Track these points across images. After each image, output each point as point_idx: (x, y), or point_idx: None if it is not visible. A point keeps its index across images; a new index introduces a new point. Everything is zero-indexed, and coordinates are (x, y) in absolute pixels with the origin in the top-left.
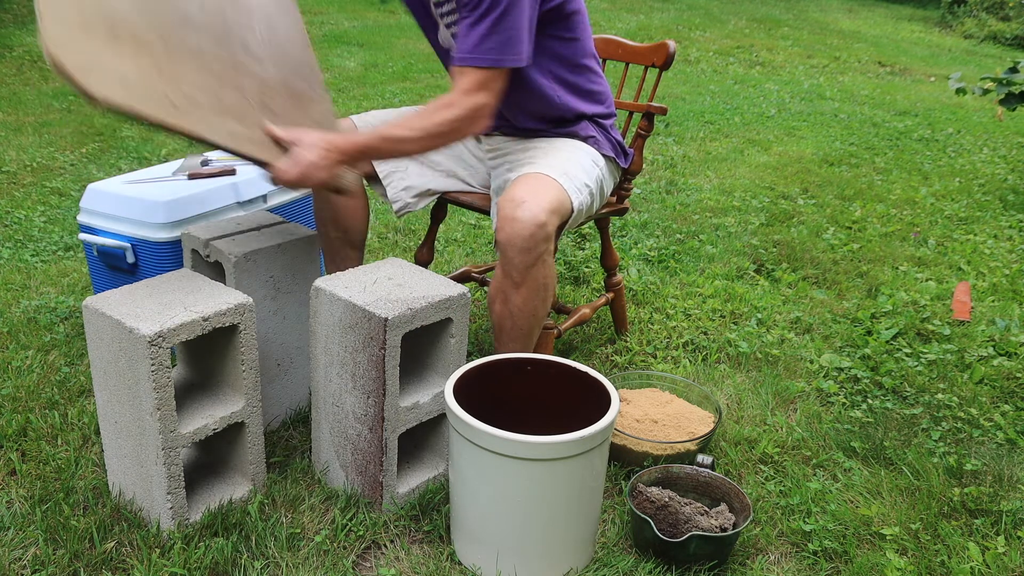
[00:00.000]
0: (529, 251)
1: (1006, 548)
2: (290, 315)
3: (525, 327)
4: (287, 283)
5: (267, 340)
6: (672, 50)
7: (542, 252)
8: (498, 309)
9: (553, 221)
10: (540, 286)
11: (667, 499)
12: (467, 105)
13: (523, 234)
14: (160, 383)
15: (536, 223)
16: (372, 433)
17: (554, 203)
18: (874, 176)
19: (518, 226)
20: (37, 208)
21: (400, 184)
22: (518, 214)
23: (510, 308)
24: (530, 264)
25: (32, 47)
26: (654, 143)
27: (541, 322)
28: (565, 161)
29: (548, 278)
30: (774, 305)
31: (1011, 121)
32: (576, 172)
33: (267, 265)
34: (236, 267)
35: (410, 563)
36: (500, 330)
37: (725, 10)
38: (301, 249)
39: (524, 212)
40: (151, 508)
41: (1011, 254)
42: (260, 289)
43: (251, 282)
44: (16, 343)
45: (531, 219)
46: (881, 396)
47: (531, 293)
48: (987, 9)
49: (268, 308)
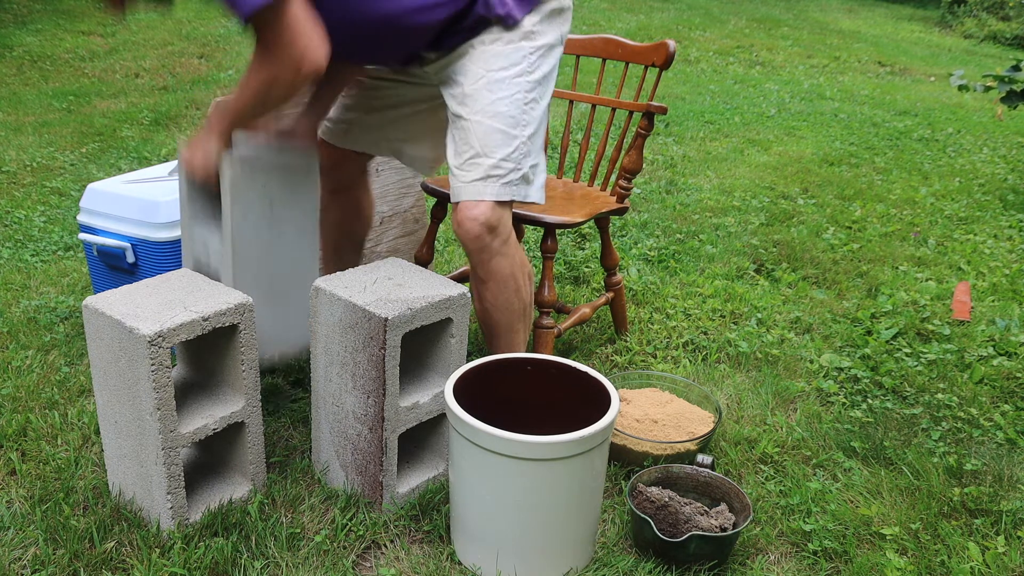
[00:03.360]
0: (482, 249)
1: (1006, 548)
2: (289, 233)
3: (506, 321)
4: (284, 200)
5: (264, 262)
6: (672, 50)
7: (497, 245)
8: (478, 309)
9: (497, 213)
10: (506, 276)
11: (667, 499)
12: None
13: (471, 235)
14: (160, 383)
15: (480, 222)
16: (372, 433)
17: (491, 204)
18: (874, 176)
19: (463, 230)
20: (37, 208)
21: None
22: (460, 218)
23: (485, 305)
24: (488, 259)
25: (32, 47)
26: (654, 143)
27: (520, 315)
28: (486, 133)
29: (514, 267)
30: (774, 305)
31: (1011, 121)
32: (498, 141)
33: (264, 179)
34: (232, 171)
35: (410, 563)
36: (486, 329)
37: (725, 10)
38: (299, 162)
39: (465, 217)
40: (151, 508)
41: (1011, 254)
42: (256, 202)
43: (248, 196)
44: (16, 343)
45: (473, 222)
46: (881, 396)
47: (498, 286)
48: (987, 9)
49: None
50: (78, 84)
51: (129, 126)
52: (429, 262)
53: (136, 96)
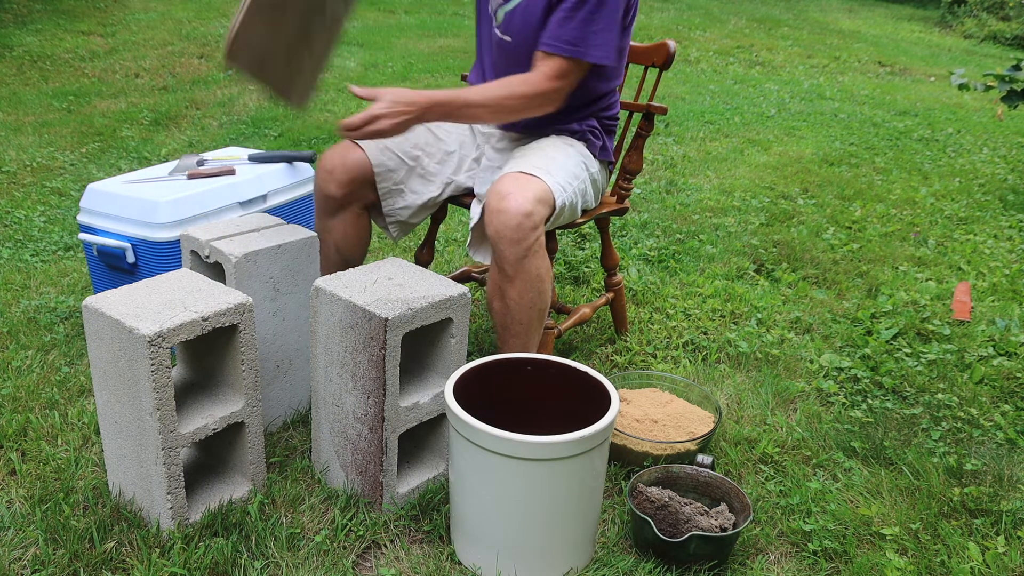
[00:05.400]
0: (519, 242)
1: (1006, 548)
2: (289, 316)
3: (524, 321)
4: (287, 284)
5: (267, 341)
6: (672, 50)
7: (532, 243)
8: (496, 306)
9: (540, 211)
10: (534, 277)
11: (667, 499)
12: (544, 88)
13: (511, 224)
14: (160, 383)
15: (522, 212)
16: (372, 433)
17: (539, 193)
18: (874, 176)
19: (505, 217)
20: (37, 208)
21: (399, 203)
22: (504, 205)
23: (507, 303)
24: (521, 256)
25: (32, 47)
26: (654, 143)
27: (541, 316)
28: (550, 161)
29: (542, 269)
30: (774, 305)
31: (1011, 121)
32: (559, 172)
33: (267, 266)
34: (236, 268)
35: (410, 563)
36: (501, 328)
37: (725, 10)
38: (300, 250)
39: (510, 203)
40: (151, 508)
41: (1011, 254)
42: (260, 290)
43: (251, 283)
44: (16, 343)
45: (517, 209)
46: (881, 396)
47: (526, 285)
48: (987, 9)
49: (268, 309)
50: (78, 84)
51: (129, 126)
52: (429, 262)
53: (136, 96)
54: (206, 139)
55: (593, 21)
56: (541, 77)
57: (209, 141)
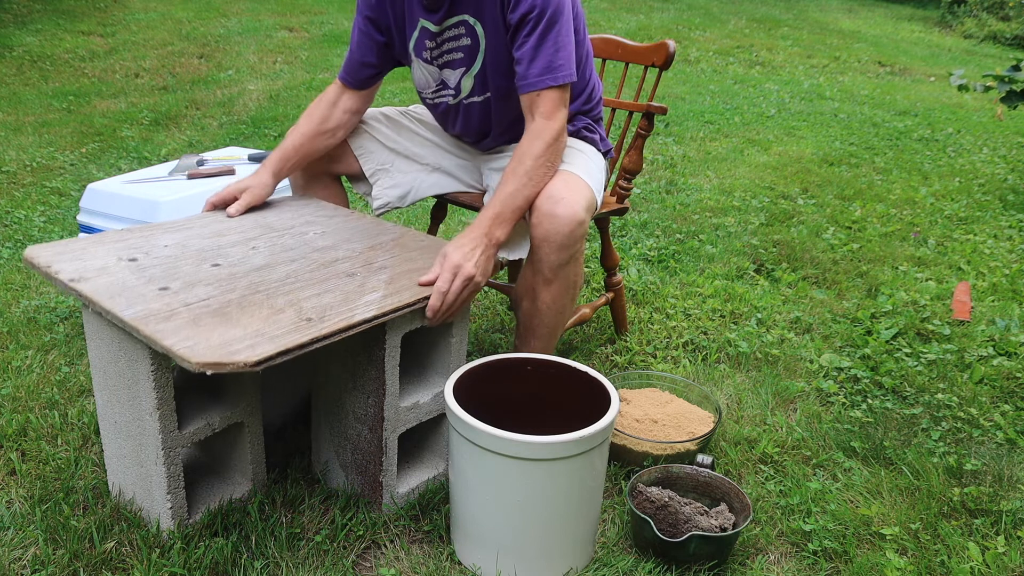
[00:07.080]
0: (566, 248)
1: (1006, 548)
2: None
3: (552, 324)
4: None
5: None
6: (672, 50)
7: (577, 250)
8: (526, 307)
9: (588, 219)
10: (571, 283)
11: (667, 499)
12: (554, 128)
13: (563, 231)
14: (160, 383)
15: (576, 220)
16: (372, 433)
17: (589, 200)
18: (874, 176)
19: (558, 223)
20: (37, 208)
21: (388, 182)
22: (558, 210)
23: (538, 305)
24: (564, 262)
25: (32, 47)
26: (654, 143)
27: (567, 320)
28: (587, 161)
29: (578, 276)
30: (774, 305)
31: (1011, 121)
32: (594, 174)
33: None
34: None
35: (410, 563)
36: (526, 328)
37: (725, 10)
38: None
39: (564, 209)
40: (151, 508)
41: (1011, 254)
42: None
43: None
44: (16, 343)
45: (571, 216)
46: (881, 396)
47: (561, 290)
48: (987, 9)
49: None
50: (78, 84)
51: (129, 126)
52: None
53: (136, 96)
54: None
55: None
56: (543, 120)
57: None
